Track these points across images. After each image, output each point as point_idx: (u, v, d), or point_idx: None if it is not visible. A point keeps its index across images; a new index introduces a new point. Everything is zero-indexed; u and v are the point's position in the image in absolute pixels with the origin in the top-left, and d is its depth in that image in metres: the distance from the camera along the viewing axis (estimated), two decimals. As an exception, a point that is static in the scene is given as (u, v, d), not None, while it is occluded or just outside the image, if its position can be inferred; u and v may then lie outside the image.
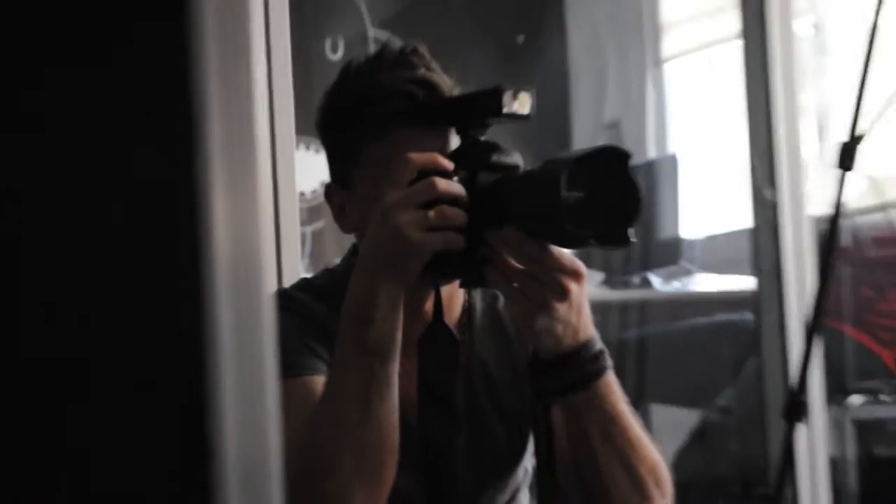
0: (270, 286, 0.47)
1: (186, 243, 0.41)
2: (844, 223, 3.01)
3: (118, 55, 0.41)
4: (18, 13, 0.41)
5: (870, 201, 3.28)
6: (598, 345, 1.22)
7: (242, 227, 0.42)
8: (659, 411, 3.23)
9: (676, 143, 3.89)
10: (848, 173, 1.97)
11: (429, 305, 1.24)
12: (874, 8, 1.97)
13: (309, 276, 1.44)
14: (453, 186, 1.16)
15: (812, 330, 1.99)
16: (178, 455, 0.41)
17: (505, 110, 1.19)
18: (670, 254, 3.37)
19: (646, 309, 3.34)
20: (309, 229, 2.73)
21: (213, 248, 0.41)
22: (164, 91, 0.41)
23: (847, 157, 1.97)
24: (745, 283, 2.87)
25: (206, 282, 0.41)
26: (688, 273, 3.37)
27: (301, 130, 2.05)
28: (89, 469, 0.41)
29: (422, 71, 1.27)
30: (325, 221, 2.74)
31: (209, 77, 0.41)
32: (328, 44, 2.88)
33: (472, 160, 1.20)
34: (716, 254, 3.46)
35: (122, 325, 0.41)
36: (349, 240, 1.38)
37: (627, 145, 3.27)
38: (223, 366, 0.41)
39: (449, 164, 1.18)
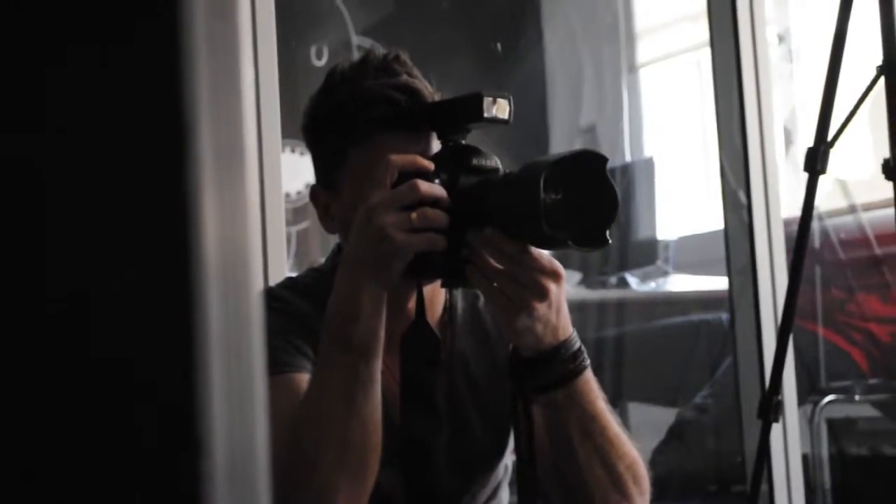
0: (257, 284, 0.49)
1: (177, 242, 0.41)
2: (814, 225, 3.05)
3: (112, 60, 0.42)
4: (15, 12, 0.42)
5: (838, 204, 3.31)
6: (578, 343, 1.23)
7: (231, 227, 0.43)
8: (636, 410, 3.24)
9: (652, 147, 3.93)
10: (817, 177, 2.01)
11: (411, 304, 1.25)
12: (839, 15, 2.01)
13: (294, 275, 1.45)
14: (435, 189, 1.18)
15: (784, 330, 2.03)
16: (167, 447, 0.41)
17: (485, 115, 1.20)
18: (646, 255, 3.40)
19: (623, 309, 3.36)
20: (294, 229, 2.74)
21: (202, 246, 0.41)
22: (156, 95, 0.42)
23: (816, 160, 2.00)
24: (719, 283, 2.90)
25: (196, 278, 0.41)
26: (664, 273, 3.41)
27: (287, 134, 2.06)
28: (81, 460, 0.41)
29: (404, 77, 1.29)
30: (310, 222, 2.75)
31: (199, 82, 0.41)
32: (313, 51, 2.90)
33: (453, 163, 1.21)
34: (691, 254, 3.49)
35: (113, 322, 0.42)
36: (333, 240, 1.40)
37: (603, 149, 3.31)
38: (212, 360, 0.41)
39: (429, 165, 1.19)
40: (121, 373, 0.42)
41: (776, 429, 2.40)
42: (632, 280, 3.34)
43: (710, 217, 3.51)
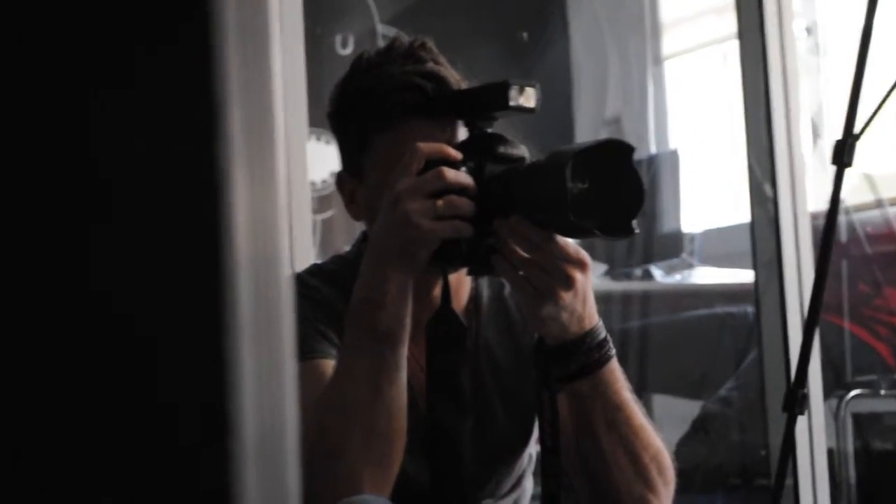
0: (287, 268, 0.49)
1: (208, 226, 0.42)
2: (841, 219, 3.03)
3: (147, 52, 0.43)
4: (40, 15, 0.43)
5: (865, 198, 3.29)
6: (603, 333, 1.23)
7: (261, 211, 0.43)
8: (660, 402, 3.24)
9: (677, 139, 3.92)
10: (844, 170, 2.00)
11: (437, 292, 1.25)
12: (867, 8, 1.99)
13: (320, 262, 1.46)
14: (461, 176, 1.18)
15: (810, 324, 2.01)
16: (198, 429, 0.42)
17: (511, 104, 1.20)
18: (671, 247, 3.40)
19: (647, 301, 3.35)
20: (319, 218, 2.75)
21: (233, 230, 0.42)
22: (188, 82, 0.42)
23: (844, 153, 1.99)
24: (745, 276, 2.89)
25: (227, 261, 0.42)
26: (689, 266, 3.39)
27: (313, 122, 2.07)
28: (113, 440, 0.42)
29: (430, 64, 1.28)
30: (335, 210, 2.76)
31: (230, 69, 0.42)
32: (338, 39, 2.90)
33: (479, 151, 1.21)
34: (716, 247, 3.48)
35: (145, 306, 0.42)
36: (358, 229, 1.40)
37: (629, 140, 3.29)
38: (242, 343, 0.42)
39: (457, 154, 1.19)
40: (152, 356, 0.42)
41: (801, 422, 2.39)
42: (657, 272, 3.34)
43: (735, 210, 3.50)
